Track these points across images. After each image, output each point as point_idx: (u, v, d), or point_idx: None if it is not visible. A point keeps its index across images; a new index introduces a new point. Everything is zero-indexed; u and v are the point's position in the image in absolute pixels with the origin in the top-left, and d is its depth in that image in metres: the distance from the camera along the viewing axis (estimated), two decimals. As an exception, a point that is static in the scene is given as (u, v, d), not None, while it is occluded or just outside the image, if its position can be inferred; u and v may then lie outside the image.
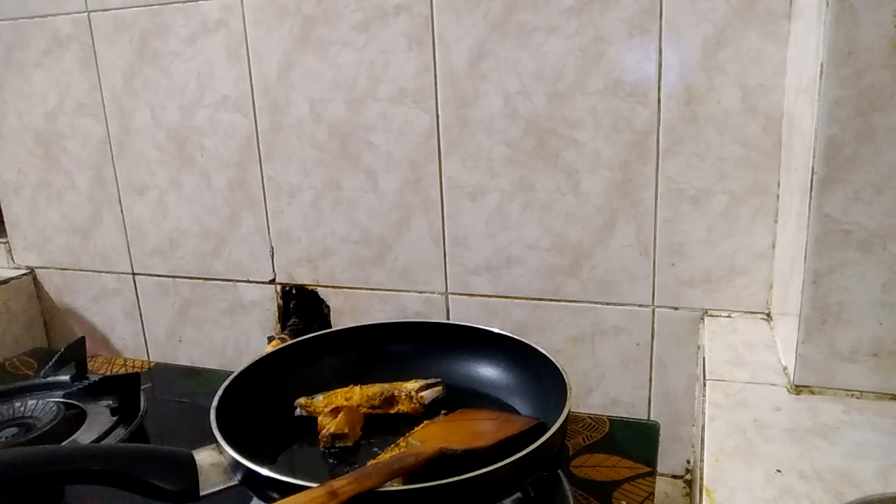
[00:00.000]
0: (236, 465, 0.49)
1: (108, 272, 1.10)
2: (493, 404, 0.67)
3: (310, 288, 0.98)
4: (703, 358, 0.72)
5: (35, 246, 1.14)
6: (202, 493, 0.49)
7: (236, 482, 0.50)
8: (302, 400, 0.66)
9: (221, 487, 0.50)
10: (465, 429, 0.60)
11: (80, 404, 0.77)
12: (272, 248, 0.98)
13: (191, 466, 0.49)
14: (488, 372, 0.70)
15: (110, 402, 0.75)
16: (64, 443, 0.69)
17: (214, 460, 0.50)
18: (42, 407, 0.75)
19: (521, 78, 0.79)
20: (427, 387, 0.67)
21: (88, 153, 1.04)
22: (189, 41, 0.93)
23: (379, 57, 0.84)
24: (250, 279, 1.01)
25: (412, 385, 0.67)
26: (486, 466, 0.47)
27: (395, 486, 0.48)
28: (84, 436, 0.71)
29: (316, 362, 0.71)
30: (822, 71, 0.54)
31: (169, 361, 1.08)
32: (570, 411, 0.55)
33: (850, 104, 0.54)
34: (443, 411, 0.65)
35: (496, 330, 0.69)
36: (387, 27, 0.83)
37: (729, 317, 0.78)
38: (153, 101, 0.98)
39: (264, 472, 0.47)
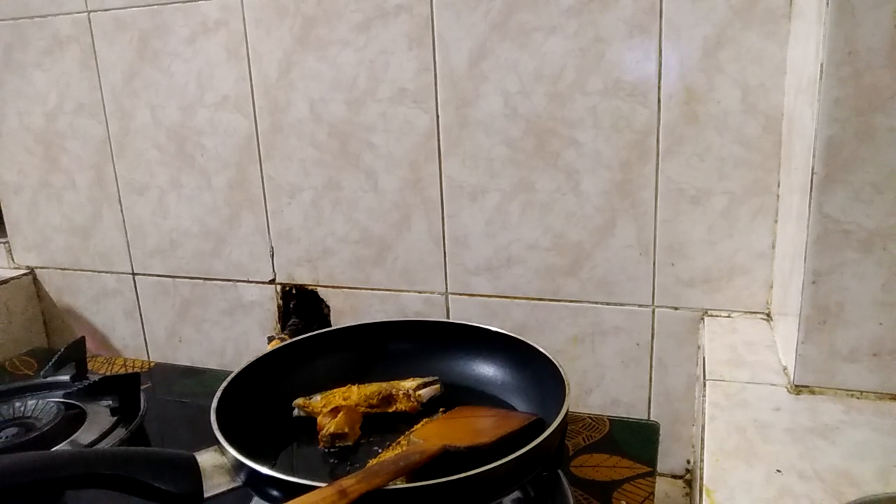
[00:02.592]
0: (240, 467, 0.49)
1: (108, 272, 1.10)
2: (491, 402, 0.67)
3: (310, 288, 0.98)
4: (703, 358, 0.72)
5: (35, 246, 1.14)
6: (206, 496, 0.49)
7: (240, 484, 0.50)
8: (300, 401, 0.66)
9: (225, 489, 0.50)
10: (466, 426, 0.60)
11: (80, 404, 0.77)
12: (272, 248, 0.98)
13: (194, 469, 0.49)
14: (486, 370, 0.70)
15: (110, 402, 0.75)
16: (64, 443, 0.69)
17: (217, 462, 0.50)
18: (42, 407, 0.75)
19: (521, 78, 0.79)
20: (425, 385, 0.67)
21: (88, 153, 1.04)
22: (189, 41, 0.93)
23: (379, 57, 0.84)
24: (250, 279, 1.01)
25: (410, 383, 0.67)
26: (488, 463, 0.47)
27: (400, 485, 0.48)
28: (84, 436, 0.70)
29: (314, 361, 0.71)
30: (822, 71, 0.54)
31: (169, 361, 1.08)
32: (569, 408, 0.55)
33: (850, 104, 0.54)
34: (441, 409, 0.65)
35: (493, 328, 0.69)
36: (387, 27, 0.83)
37: (729, 317, 0.78)
38: (153, 101, 0.98)
39: (271, 473, 0.47)
